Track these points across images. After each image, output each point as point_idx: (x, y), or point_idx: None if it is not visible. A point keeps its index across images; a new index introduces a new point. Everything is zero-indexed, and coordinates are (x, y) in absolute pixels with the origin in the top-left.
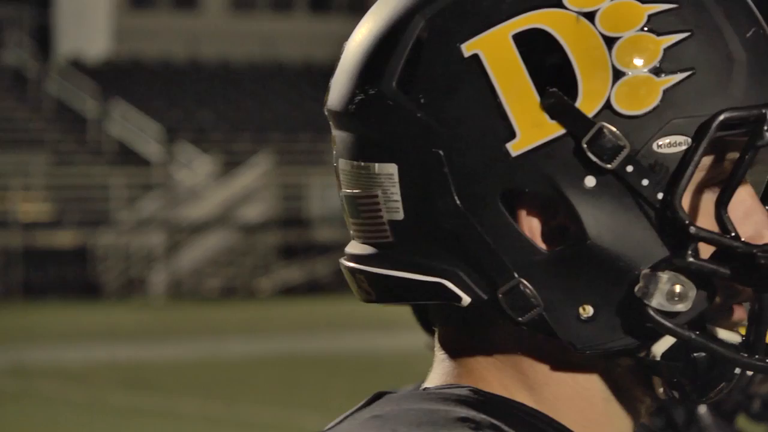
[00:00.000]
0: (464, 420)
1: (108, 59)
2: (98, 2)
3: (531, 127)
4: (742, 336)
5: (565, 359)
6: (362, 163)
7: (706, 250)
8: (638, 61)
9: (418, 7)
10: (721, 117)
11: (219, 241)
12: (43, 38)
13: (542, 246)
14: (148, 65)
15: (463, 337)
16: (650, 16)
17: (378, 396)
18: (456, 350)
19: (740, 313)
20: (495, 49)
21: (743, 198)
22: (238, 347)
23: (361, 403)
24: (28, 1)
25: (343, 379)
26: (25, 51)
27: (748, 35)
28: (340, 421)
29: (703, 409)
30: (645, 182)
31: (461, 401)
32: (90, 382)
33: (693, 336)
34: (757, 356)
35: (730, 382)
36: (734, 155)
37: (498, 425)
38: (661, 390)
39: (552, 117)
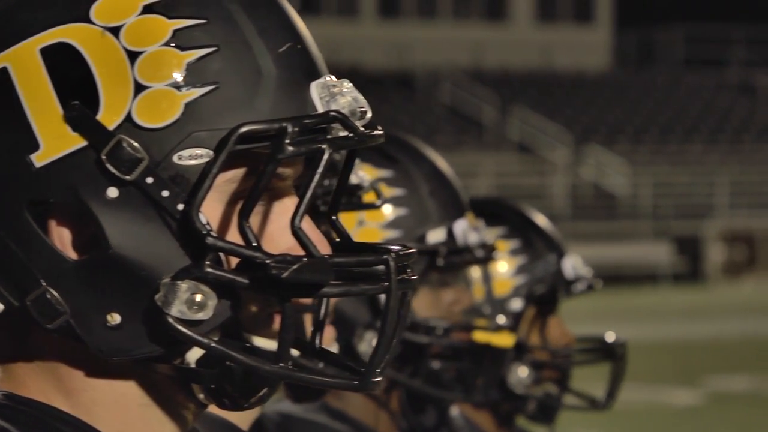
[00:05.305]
0: None
1: None
2: None
3: (53, 138)
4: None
5: (100, 366)
6: None
7: (235, 261)
8: (159, 76)
9: None
10: (241, 130)
11: None
12: None
13: (73, 255)
14: None
15: (9, 343)
16: (176, 32)
17: None
18: (3, 355)
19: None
20: (22, 62)
21: (287, 209)
22: None
23: None
24: None
25: None
26: None
27: (280, 50)
28: None
29: (455, 410)
30: (165, 193)
31: None
32: None
33: (211, 344)
34: (281, 364)
35: (274, 388)
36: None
37: (6, 428)
38: (202, 396)
39: (74, 129)
